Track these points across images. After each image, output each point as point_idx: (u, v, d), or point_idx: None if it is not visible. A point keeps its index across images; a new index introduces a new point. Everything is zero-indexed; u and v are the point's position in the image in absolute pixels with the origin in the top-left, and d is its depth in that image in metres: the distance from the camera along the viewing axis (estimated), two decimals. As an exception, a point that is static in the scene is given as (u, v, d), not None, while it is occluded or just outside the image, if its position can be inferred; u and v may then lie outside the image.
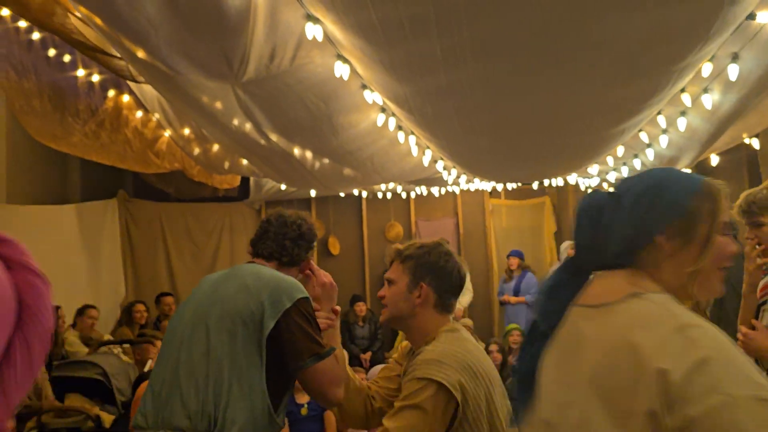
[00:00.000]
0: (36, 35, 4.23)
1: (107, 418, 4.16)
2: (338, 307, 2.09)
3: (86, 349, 5.31)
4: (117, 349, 5.07)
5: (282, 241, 2.12)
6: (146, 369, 4.26)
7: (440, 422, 1.63)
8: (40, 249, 4.92)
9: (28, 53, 4.36)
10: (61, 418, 4.15)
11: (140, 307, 6.38)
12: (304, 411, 4.33)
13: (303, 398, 4.37)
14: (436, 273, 1.85)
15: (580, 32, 2.29)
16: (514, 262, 7.31)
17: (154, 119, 5.08)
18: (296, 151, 4.27)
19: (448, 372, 1.63)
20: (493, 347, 5.57)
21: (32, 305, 0.74)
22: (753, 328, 2.29)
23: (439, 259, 1.87)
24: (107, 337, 5.77)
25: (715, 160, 4.57)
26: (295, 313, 1.82)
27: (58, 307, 5.39)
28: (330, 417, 4.36)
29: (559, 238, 8.47)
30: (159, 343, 5.00)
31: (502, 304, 7.48)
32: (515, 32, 2.39)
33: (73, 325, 5.70)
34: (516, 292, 7.21)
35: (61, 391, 4.33)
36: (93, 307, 5.82)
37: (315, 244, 2.27)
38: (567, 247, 7.19)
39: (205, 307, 1.90)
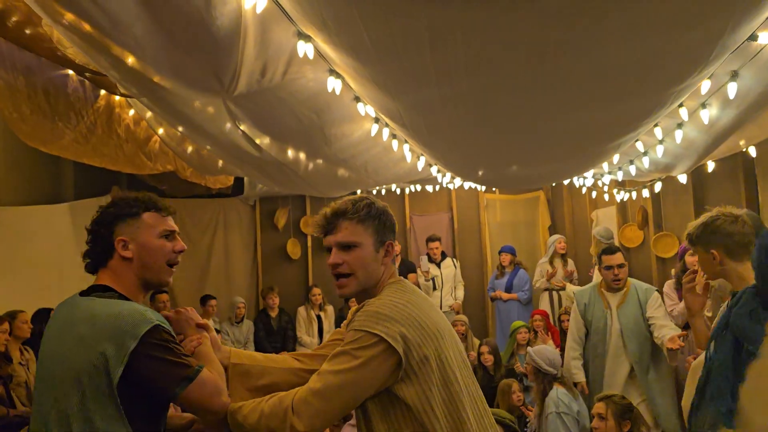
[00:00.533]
0: (29, 30, 4.14)
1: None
2: (204, 321, 1.93)
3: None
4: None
5: None
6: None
7: (377, 374, 1.59)
8: (33, 250, 4.88)
9: (19, 51, 4.27)
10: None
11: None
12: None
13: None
14: (391, 227, 1.80)
15: (577, 56, 2.24)
16: (506, 258, 7.23)
17: (146, 117, 5.02)
18: (290, 153, 4.22)
19: (387, 324, 1.59)
20: (484, 348, 5.55)
21: None
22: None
23: (386, 211, 1.81)
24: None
25: (711, 166, 4.54)
26: (145, 348, 1.64)
27: (51, 310, 5.36)
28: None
29: (553, 233, 8.46)
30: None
31: (493, 300, 7.45)
32: (511, 51, 2.34)
33: (68, 326, 5.65)
34: (508, 289, 7.18)
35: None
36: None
37: None
38: (554, 240, 7.20)
39: (49, 369, 1.73)
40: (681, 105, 3.11)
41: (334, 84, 2.95)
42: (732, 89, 2.80)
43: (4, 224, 5.59)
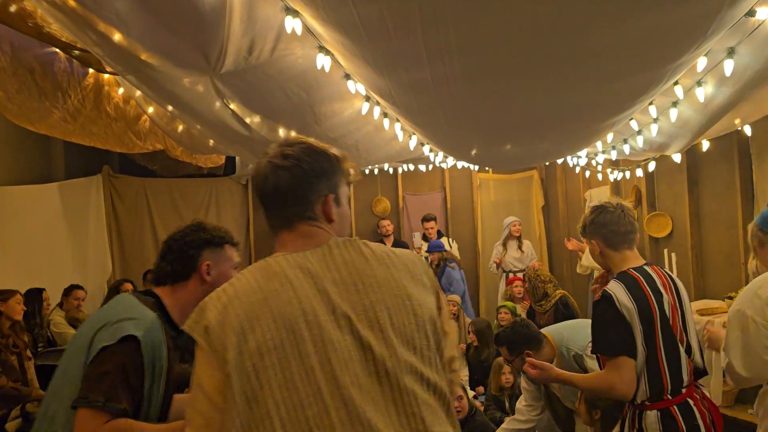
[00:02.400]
0: (13, 8, 4.04)
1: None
2: None
3: (73, 331, 5.25)
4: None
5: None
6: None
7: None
8: (24, 230, 4.82)
9: (5, 30, 4.18)
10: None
11: (128, 286, 6.32)
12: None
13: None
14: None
15: (571, 34, 2.19)
16: (434, 257, 6.98)
17: (135, 96, 4.94)
18: (281, 132, 4.16)
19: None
20: (470, 328, 5.58)
21: None
22: None
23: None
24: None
25: (706, 145, 4.50)
26: (104, 353, 1.65)
27: (42, 290, 5.32)
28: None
29: (546, 212, 8.45)
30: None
31: None
32: (504, 30, 2.29)
33: (60, 305, 5.62)
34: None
35: (46, 380, 4.29)
36: (80, 287, 5.74)
37: None
38: (509, 223, 7.32)
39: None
40: (676, 83, 3.06)
41: (323, 61, 2.89)
42: (728, 66, 2.75)
43: (-8, 204, 5.54)
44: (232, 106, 3.61)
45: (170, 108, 4.65)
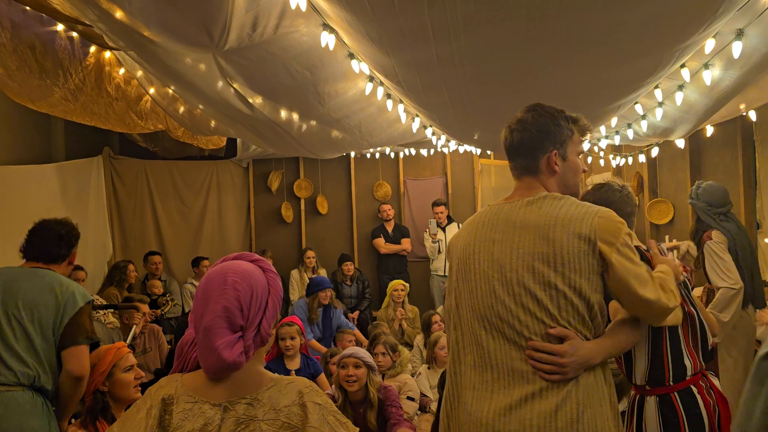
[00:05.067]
0: (12, -17, 4.00)
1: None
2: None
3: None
4: (102, 315, 5.03)
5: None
6: (130, 336, 4.22)
7: None
8: (24, 210, 4.84)
9: (6, 5, 4.14)
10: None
11: (131, 267, 6.33)
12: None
13: (292, 365, 4.40)
14: None
15: (579, 13, 2.17)
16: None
17: (137, 76, 4.90)
18: (283, 114, 4.14)
19: None
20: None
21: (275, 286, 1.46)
22: None
23: None
24: (95, 297, 5.71)
25: (710, 131, 4.48)
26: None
27: (42, 270, 5.31)
28: (322, 380, 4.40)
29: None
30: (144, 308, 4.97)
31: None
32: (511, 8, 2.26)
33: (60, 286, 5.61)
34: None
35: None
36: (80, 268, 5.75)
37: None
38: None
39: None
40: (683, 66, 3.04)
41: (327, 39, 2.87)
42: (737, 48, 2.73)
43: (-6, 183, 5.52)
44: (234, 85, 3.58)
45: (172, 88, 4.62)
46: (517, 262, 1.68)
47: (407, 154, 7.91)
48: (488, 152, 8.14)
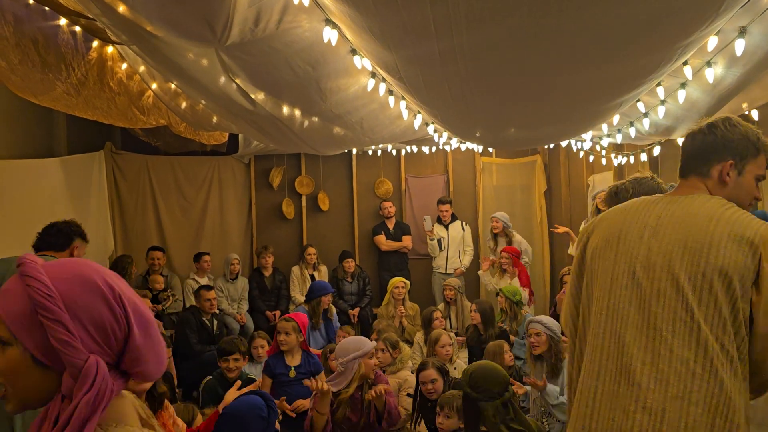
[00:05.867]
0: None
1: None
2: None
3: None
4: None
5: None
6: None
7: None
8: (26, 204, 4.90)
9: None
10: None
11: (128, 259, 6.36)
12: (292, 373, 4.37)
13: (293, 361, 4.41)
14: None
15: (582, 9, 2.16)
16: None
17: (138, 72, 4.91)
18: (285, 110, 4.14)
19: None
20: (473, 307, 5.52)
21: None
22: None
23: None
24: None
25: (712, 129, 4.47)
26: None
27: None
28: (321, 379, 4.41)
29: (548, 197, 8.44)
30: (146, 302, 4.98)
31: None
32: (513, 4, 2.26)
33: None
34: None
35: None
36: (81, 263, 5.75)
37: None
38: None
39: None
40: (686, 63, 3.04)
41: (329, 34, 2.87)
42: (740, 46, 2.73)
43: (-5, 177, 5.52)
44: (237, 80, 3.58)
45: (175, 83, 4.63)
46: (668, 250, 1.69)
47: (409, 151, 7.91)
48: (490, 150, 8.14)
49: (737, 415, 1.56)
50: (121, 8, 2.73)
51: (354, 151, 8.07)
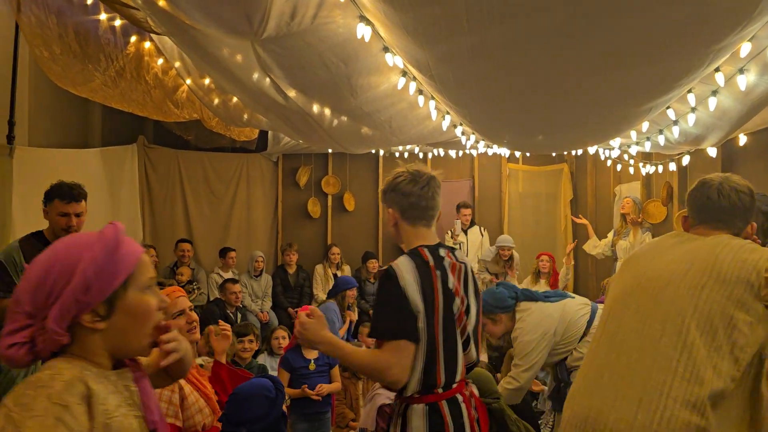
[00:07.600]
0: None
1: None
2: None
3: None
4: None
5: None
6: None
7: None
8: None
9: (52, -6, 4.29)
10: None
11: (151, 251, 6.48)
12: (312, 366, 4.41)
13: (311, 354, 4.45)
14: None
15: (618, 12, 2.18)
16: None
17: (174, 67, 5.03)
18: (315, 108, 4.21)
19: None
20: None
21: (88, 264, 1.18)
22: None
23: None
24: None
25: (743, 140, 4.43)
26: None
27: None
28: (336, 372, 4.45)
29: (574, 206, 8.39)
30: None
31: None
32: (548, 4, 2.29)
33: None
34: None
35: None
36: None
37: None
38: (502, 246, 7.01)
39: None
40: (717, 70, 3.03)
41: (363, 31, 2.92)
42: (773, 53, 2.72)
43: (35, 164, 5.68)
44: (271, 75, 3.66)
45: (208, 79, 4.74)
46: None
47: (435, 154, 7.94)
48: (516, 155, 8.12)
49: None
50: (161, 2, 2.83)
51: (381, 152, 8.12)
